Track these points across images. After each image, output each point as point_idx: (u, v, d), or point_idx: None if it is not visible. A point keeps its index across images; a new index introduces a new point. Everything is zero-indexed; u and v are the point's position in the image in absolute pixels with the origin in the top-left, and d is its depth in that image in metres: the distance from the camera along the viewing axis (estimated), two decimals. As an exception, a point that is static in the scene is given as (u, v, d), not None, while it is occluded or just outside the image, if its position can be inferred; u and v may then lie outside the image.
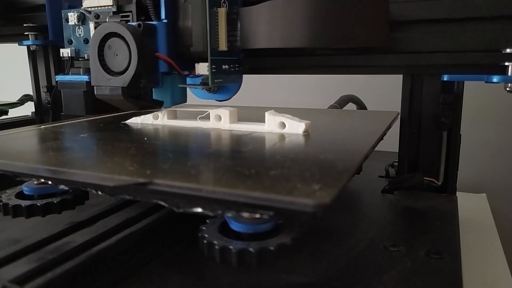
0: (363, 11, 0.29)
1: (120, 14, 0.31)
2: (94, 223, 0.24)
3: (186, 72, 0.32)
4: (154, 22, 0.30)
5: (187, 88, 0.36)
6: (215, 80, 0.31)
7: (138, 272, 0.23)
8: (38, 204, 0.26)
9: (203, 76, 0.32)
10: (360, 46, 0.32)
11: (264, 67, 0.38)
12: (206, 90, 0.37)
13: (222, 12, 0.30)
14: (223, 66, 0.32)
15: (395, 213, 0.31)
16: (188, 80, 0.35)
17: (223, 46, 0.31)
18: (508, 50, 0.29)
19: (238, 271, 0.23)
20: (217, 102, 0.39)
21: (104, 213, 0.25)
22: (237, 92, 0.37)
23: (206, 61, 0.30)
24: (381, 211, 0.32)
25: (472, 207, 0.44)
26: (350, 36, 0.29)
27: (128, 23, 0.30)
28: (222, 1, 0.31)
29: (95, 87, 0.31)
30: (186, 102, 0.36)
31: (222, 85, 0.37)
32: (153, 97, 0.34)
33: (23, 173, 0.22)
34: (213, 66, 0.31)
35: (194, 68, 0.32)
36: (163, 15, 0.30)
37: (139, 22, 0.29)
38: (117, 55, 0.29)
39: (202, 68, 0.31)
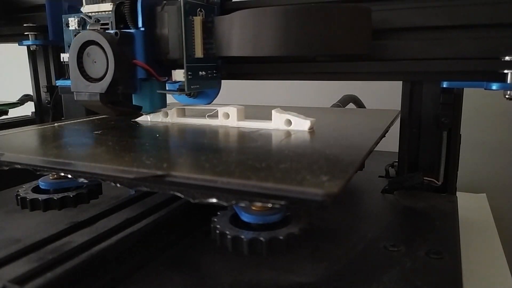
0: (335, 20, 0.29)
1: (100, 22, 0.32)
2: (94, 223, 0.24)
3: (164, 78, 0.33)
4: (132, 30, 0.31)
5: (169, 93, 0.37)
6: (192, 86, 0.33)
7: (138, 272, 0.23)
8: (55, 198, 0.27)
9: (181, 82, 0.33)
10: (334, 53, 0.33)
11: (241, 73, 0.39)
12: (186, 95, 0.39)
13: (198, 20, 0.32)
14: (200, 73, 0.33)
15: (395, 213, 0.31)
16: (168, 86, 0.36)
17: (199, 53, 0.32)
18: (507, 58, 0.29)
19: (238, 271, 0.23)
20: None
21: (104, 213, 0.25)
22: (216, 97, 0.39)
23: (183, 67, 0.31)
24: (381, 211, 0.32)
25: (472, 207, 0.44)
26: (322, 44, 0.29)
27: (106, 31, 0.31)
28: (198, 10, 0.32)
29: (75, 93, 0.32)
30: (165, 107, 0.37)
31: (201, 90, 0.38)
32: (133, 103, 0.35)
33: (46, 166, 0.23)
34: (189, 73, 0.32)
35: (171, 74, 0.33)
36: (140, 24, 0.31)
37: (116, 31, 0.30)
38: (95, 62, 0.30)
39: (179, 75, 0.32)
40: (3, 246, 0.21)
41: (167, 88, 0.36)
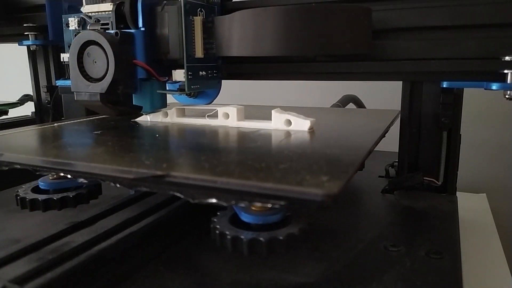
0: (336, 19, 0.29)
1: (100, 22, 0.32)
2: (94, 223, 0.24)
3: (164, 78, 0.33)
4: (132, 30, 0.31)
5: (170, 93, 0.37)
6: (192, 86, 0.33)
7: (138, 272, 0.23)
8: (55, 198, 0.27)
9: (181, 82, 0.33)
10: (334, 53, 0.33)
11: (241, 73, 0.39)
12: (187, 95, 0.39)
13: (198, 20, 0.32)
14: (200, 73, 0.33)
15: (395, 213, 0.31)
16: (169, 86, 0.36)
17: (199, 53, 0.32)
18: (507, 58, 0.29)
19: (238, 271, 0.23)
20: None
21: (104, 213, 0.25)
22: (216, 97, 0.39)
23: (183, 67, 0.32)
24: (381, 211, 0.32)
25: (472, 207, 0.44)
26: (322, 44, 0.29)
27: (107, 31, 0.31)
28: (198, 10, 0.32)
29: (75, 93, 0.32)
30: (166, 107, 0.37)
31: (201, 91, 0.38)
32: (133, 103, 0.35)
33: (45, 167, 0.23)
34: (189, 73, 0.32)
35: (171, 74, 0.33)
36: (140, 24, 0.31)
37: (116, 31, 0.30)
38: (95, 62, 0.30)
39: (179, 75, 0.32)
40: (3, 246, 0.21)
41: (167, 88, 0.36)
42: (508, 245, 0.36)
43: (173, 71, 0.32)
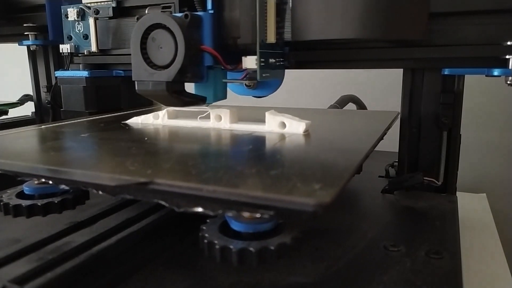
0: (410, 2, 0.28)
1: (162, 5, 0.30)
2: (94, 223, 0.24)
3: (231, 66, 0.31)
4: (200, 13, 0.29)
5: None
6: (263, 75, 0.30)
7: (138, 272, 0.23)
8: (39, 204, 0.26)
9: (248, 70, 0.30)
10: (406, 38, 0.31)
11: (313, 60, 0.36)
12: (246, 85, 0.36)
13: (271, 2, 0.29)
14: (270, 60, 0.31)
15: (395, 213, 0.31)
16: (228, 75, 0.34)
17: (271, 38, 0.29)
18: (509, 43, 0.29)
19: (238, 271, 0.23)
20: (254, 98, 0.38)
21: (104, 213, 0.25)
22: (277, 88, 0.36)
23: (253, 54, 0.29)
24: (381, 211, 0.32)
25: (472, 207, 0.44)
26: (400, 28, 0.28)
27: (173, 14, 0.29)
28: None
29: (136, 82, 0.29)
30: (226, 98, 0.34)
31: (262, 81, 0.35)
32: (195, 93, 0.32)
33: (25, 172, 0.22)
34: (261, 60, 0.29)
35: (238, 62, 0.30)
36: (209, 5, 0.29)
37: (186, 13, 0.28)
38: (161, 48, 0.28)
39: (250, 62, 0.29)
40: (3, 246, 0.21)
41: (227, 78, 0.34)
42: (508, 245, 0.36)
43: (243, 57, 0.29)
